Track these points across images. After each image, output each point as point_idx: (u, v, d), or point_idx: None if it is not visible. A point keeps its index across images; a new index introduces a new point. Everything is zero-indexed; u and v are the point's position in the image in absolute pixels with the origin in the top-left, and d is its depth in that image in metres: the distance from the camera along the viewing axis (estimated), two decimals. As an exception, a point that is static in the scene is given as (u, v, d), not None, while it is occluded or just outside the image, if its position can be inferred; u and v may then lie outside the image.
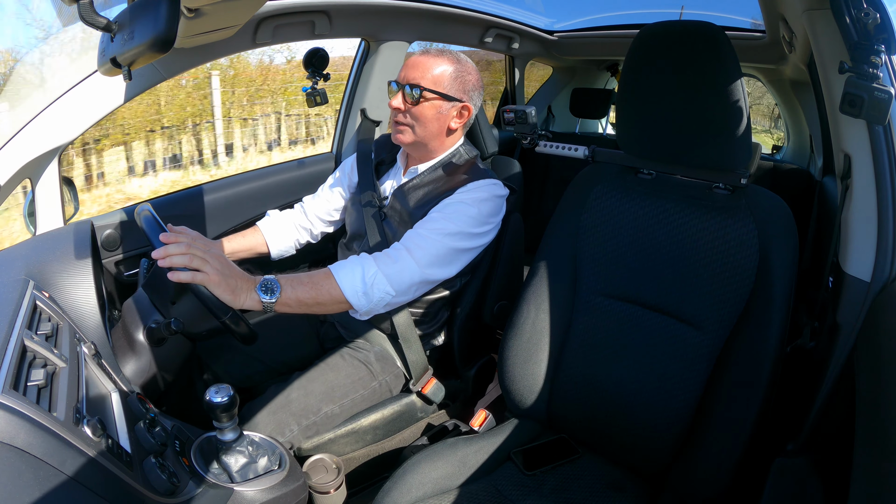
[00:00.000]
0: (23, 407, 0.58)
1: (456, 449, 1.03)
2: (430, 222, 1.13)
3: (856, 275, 0.88)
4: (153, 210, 1.00)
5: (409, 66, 1.16)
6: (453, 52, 1.20)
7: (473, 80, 1.20)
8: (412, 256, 1.08)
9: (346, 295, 1.02)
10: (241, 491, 0.81)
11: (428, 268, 1.09)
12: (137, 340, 0.99)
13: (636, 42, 0.95)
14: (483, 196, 1.16)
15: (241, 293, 0.91)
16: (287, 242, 1.40)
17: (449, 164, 1.24)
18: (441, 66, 1.15)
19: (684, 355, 0.97)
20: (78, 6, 0.70)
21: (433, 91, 1.15)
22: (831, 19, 0.82)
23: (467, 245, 1.15)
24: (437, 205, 1.16)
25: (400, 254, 1.09)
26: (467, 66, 1.19)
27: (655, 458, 1.00)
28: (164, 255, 0.86)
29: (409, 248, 1.09)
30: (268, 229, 1.37)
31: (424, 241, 1.10)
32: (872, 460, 0.60)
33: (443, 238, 1.10)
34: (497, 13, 2.05)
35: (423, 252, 1.09)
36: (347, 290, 1.02)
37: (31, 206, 1.23)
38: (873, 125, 0.84)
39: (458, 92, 1.18)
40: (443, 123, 1.20)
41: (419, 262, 1.08)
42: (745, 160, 0.91)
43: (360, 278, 1.03)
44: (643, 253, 1.03)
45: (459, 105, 1.19)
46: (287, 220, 1.41)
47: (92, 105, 1.18)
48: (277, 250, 1.38)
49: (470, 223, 1.13)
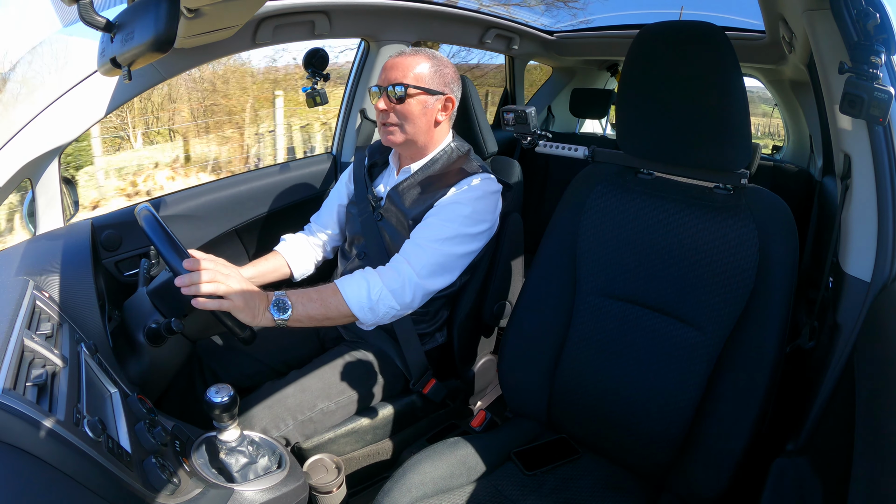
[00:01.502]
0: (23, 407, 0.58)
1: (456, 449, 1.03)
2: (428, 229, 1.14)
3: (856, 275, 0.88)
4: (153, 210, 1.00)
5: (388, 68, 1.19)
6: (427, 49, 1.22)
7: (451, 72, 1.23)
8: (413, 269, 1.10)
9: (353, 311, 1.05)
10: (241, 491, 0.81)
11: (429, 279, 1.12)
12: (137, 340, 0.99)
13: (636, 42, 0.95)
14: (476, 194, 1.17)
15: (259, 314, 0.93)
16: (307, 263, 1.42)
17: (441, 161, 1.25)
18: (419, 63, 1.18)
19: (684, 355, 0.97)
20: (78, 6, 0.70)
21: (417, 87, 1.16)
22: (831, 19, 0.82)
23: (466, 249, 1.17)
24: (433, 208, 1.17)
25: (402, 268, 1.11)
26: (443, 60, 1.22)
27: (655, 459, 1.00)
28: (190, 284, 0.87)
29: (411, 261, 1.11)
30: (288, 252, 1.39)
31: (424, 251, 1.12)
32: (872, 461, 0.60)
33: (441, 245, 1.12)
34: (497, 13, 2.06)
35: (424, 263, 1.11)
36: (354, 306, 1.05)
37: (32, 206, 1.23)
38: (873, 125, 0.84)
39: (439, 85, 1.20)
40: (430, 118, 1.21)
41: (420, 274, 1.11)
42: (745, 160, 0.91)
43: (365, 295, 1.06)
44: (643, 253, 1.03)
45: (443, 98, 1.21)
46: (302, 240, 1.43)
47: (92, 105, 1.18)
48: (299, 272, 1.40)
49: (466, 223, 1.14)
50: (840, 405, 0.84)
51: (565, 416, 1.11)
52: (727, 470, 0.89)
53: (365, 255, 1.29)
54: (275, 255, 1.38)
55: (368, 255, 1.27)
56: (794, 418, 0.96)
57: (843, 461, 0.66)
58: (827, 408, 0.89)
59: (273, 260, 1.36)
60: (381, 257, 1.23)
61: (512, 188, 1.31)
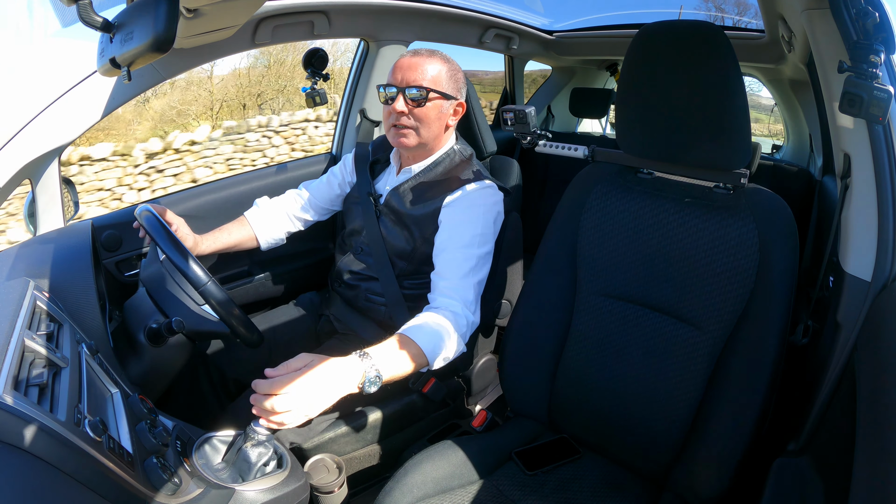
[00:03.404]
0: (24, 407, 0.58)
1: (457, 449, 1.04)
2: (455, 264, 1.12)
3: (856, 274, 0.88)
4: (153, 211, 1.00)
5: (405, 68, 1.16)
6: (439, 51, 1.21)
7: (462, 77, 1.23)
8: (469, 309, 1.10)
9: (433, 365, 1.01)
10: (242, 491, 0.81)
11: (476, 312, 1.12)
12: (138, 340, 0.99)
13: (635, 42, 0.95)
14: (481, 210, 1.17)
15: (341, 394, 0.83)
16: (278, 234, 1.40)
17: (444, 164, 1.24)
18: (436, 66, 1.17)
19: (685, 355, 0.97)
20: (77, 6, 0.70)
21: (435, 90, 1.15)
22: (830, 19, 0.82)
23: (485, 271, 1.18)
24: (441, 225, 1.17)
25: (459, 310, 1.08)
26: (455, 63, 1.22)
27: (656, 459, 1.00)
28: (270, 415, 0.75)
29: (464, 301, 1.10)
30: (257, 221, 1.37)
31: (466, 289, 1.11)
32: (873, 460, 0.60)
33: (473, 277, 1.13)
34: (496, 13, 2.06)
35: (470, 301, 1.11)
36: (433, 361, 1.01)
37: (32, 206, 1.23)
38: (873, 124, 0.84)
39: (454, 90, 1.19)
40: (443, 122, 1.21)
41: (474, 313, 1.11)
42: (745, 160, 0.91)
43: (443, 350, 1.02)
44: (643, 253, 1.03)
45: (455, 103, 1.21)
46: (277, 209, 1.41)
47: (92, 105, 1.18)
48: (267, 242, 1.39)
49: (480, 243, 1.15)
50: (841, 405, 0.84)
51: (566, 416, 1.11)
52: (728, 469, 0.89)
53: (362, 250, 1.30)
54: (241, 226, 1.35)
55: (366, 251, 1.28)
56: (795, 418, 0.96)
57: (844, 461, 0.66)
58: (828, 407, 0.89)
59: (238, 231, 1.34)
60: (380, 254, 1.24)
61: (511, 193, 1.31)
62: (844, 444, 0.69)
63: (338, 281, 1.36)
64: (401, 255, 1.24)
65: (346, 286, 1.33)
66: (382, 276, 1.25)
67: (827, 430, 0.88)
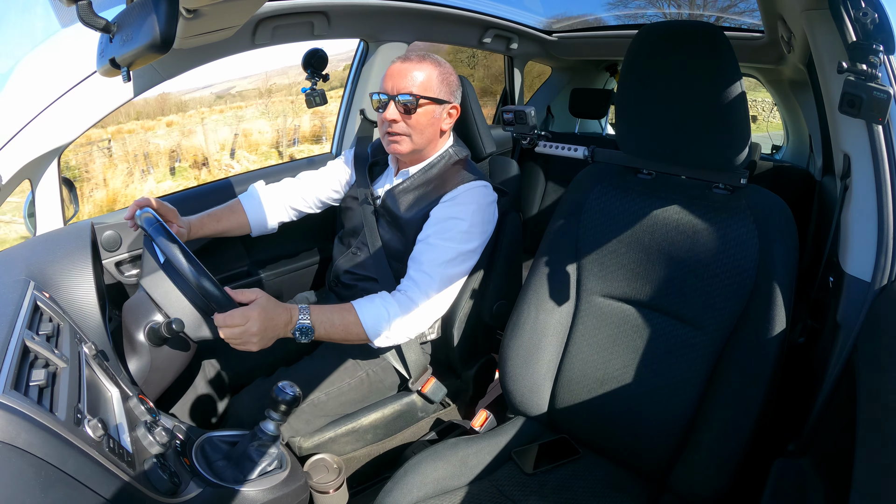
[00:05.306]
0: (24, 407, 0.58)
1: (457, 449, 1.04)
2: (432, 251, 1.15)
3: (856, 275, 0.88)
4: (154, 211, 1.00)
5: (395, 75, 1.15)
6: (430, 55, 1.21)
7: (455, 80, 1.23)
8: (427, 297, 1.13)
9: (371, 339, 1.11)
10: (242, 491, 0.81)
11: (438, 306, 1.16)
12: (138, 340, 0.99)
13: (635, 42, 0.95)
14: (473, 208, 1.17)
15: (279, 336, 1.01)
16: (271, 222, 1.39)
17: (439, 166, 1.24)
18: (426, 71, 1.16)
19: (685, 356, 0.97)
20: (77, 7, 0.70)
21: (426, 97, 1.15)
22: (830, 19, 0.82)
23: (466, 267, 1.20)
24: (430, 218, 1.18)
25: (416, 296, 1.13)
26: (447, 66, 1.21)
27: (656, 459, 1.00)
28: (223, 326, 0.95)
29: (422, 289, 1.13)
30: (251, 209, 1.36)
31: (432, 279, 1.14)
32: (874, 461, 0.60)
33: (445, 269, 1.14)
34: (495, 13, 2.06)
35: (433, 290, 1.14)
36: (373, 335, 1.10)
37: (31, 206, 1.23)
38: (872, 125, 0.84)
39: (446, 94, 1.19)
40: (436, 128, 1.21)
41: (431, 302, 1.14)
42: (745, 160, 0.92)
43: (385, 325, 1.10)
44: (643, 253, 1.03)
45: (448, 106, 1.21)
46: (273, 196, 1.39)
47: (92, 105, 1.18)
48: (259, 230, 1.39)
49: (464, 240, 1.16)
50: (841, 405, 0.84)
51: (566, 416, 1.11)
52: (728, 470, 0.89)
53: (360, 250, 1.30)
54: (235, 213, 1.34)
55: (364, 252, 1.28)
56: (795, 418, 0.96)
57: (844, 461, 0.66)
58: (828, 408, 0.89)
59: (230, 219, 1.33)
60: (377, 255, 1.25)
61: (507, 193, 1.31)
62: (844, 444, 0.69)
63: (335, 280, 1.36)
64: (396, 257, 1.24)
65: (343, 286, 1.34)
66: (380, 276, 1.25)
67: (827, 430, 0.88)
